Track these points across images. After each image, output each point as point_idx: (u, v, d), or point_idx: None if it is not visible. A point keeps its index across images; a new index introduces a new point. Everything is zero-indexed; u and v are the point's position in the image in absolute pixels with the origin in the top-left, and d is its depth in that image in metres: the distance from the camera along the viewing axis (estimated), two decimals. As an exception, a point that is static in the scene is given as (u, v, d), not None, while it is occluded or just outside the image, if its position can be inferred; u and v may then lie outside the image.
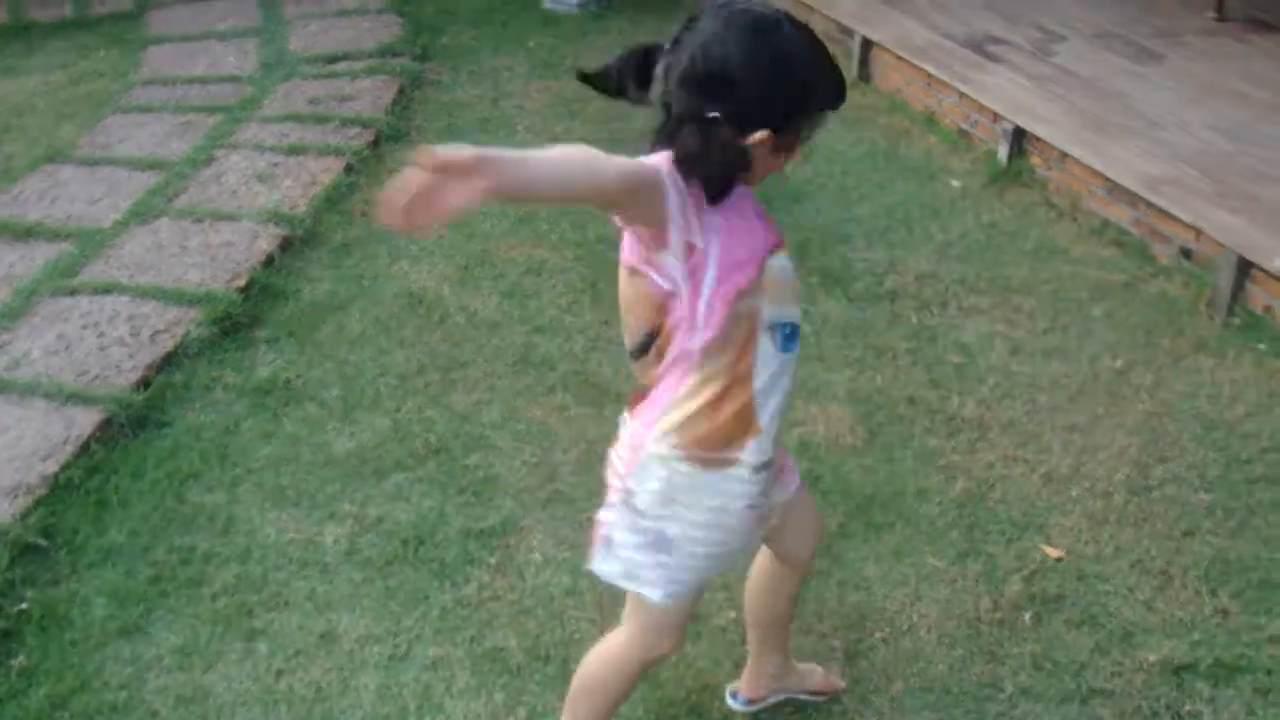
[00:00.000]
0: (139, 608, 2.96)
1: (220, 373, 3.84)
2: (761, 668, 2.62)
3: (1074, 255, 4.48)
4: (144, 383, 3.73)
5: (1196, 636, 2.83)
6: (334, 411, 3.66)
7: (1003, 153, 5.09)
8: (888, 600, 2.95)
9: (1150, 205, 4.42)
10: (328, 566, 3.09)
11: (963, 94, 5.36)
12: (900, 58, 5.80)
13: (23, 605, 2.96)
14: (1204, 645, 2.81)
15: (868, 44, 6.07)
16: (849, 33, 6.20)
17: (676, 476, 2.04)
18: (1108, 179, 4.61)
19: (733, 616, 2.85)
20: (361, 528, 3.21)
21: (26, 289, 4.24)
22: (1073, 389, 3.72)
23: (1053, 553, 3.09)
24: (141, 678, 2.78)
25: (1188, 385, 3.73)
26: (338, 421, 3.62)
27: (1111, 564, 3.05)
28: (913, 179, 5.08)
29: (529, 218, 4.77)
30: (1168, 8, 6.27)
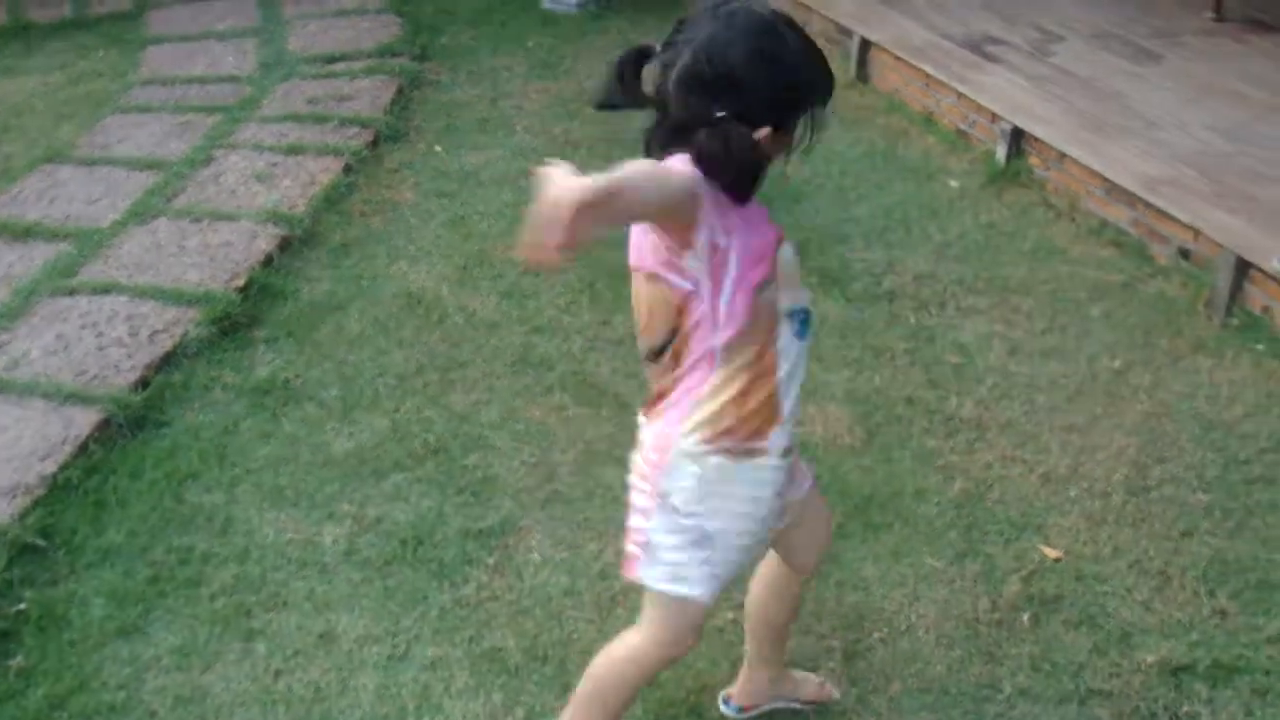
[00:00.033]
0: (137, 608, 2.96)
1: (219, 373, 3.84)
2: (757, 676, 2.62)
3: (1072, 255, 4.48)
4: (142, 383, 3.73)
5: (1194, 637, 2.84)
6: (333, 411, 3.66)
7: (1001, 153, 5.09)
8: (886, 600, 2.95)
9: (1148, 205, 4.43)
10: (326, 567, 3.09)
11: (961, 94, 5.36)
12: (898, 58, 5.81)
13: (21, 605, 2.96)
14: (1202, 646, 2.81)
15: (866, 44, 6.07)
16: (847, 33, 6.20)
17: (709, 471, 2.05)
18: (1106, 179, 4.61)
19: (730, 617, 2.85)
20: (360, 528, 3.21)
21: (25, 289, 4.24)
22: (1071, 389, 3.72)
23: (1051, 553, 3.09)
24: (140, 678, 2.78)
25: (1186, 386, 3.73)
26: (336, 421, 3.62)
27: (1110, 564, 3.05)
28: (911, 179, 5.08)
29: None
30: (1166, 8, 6.28)
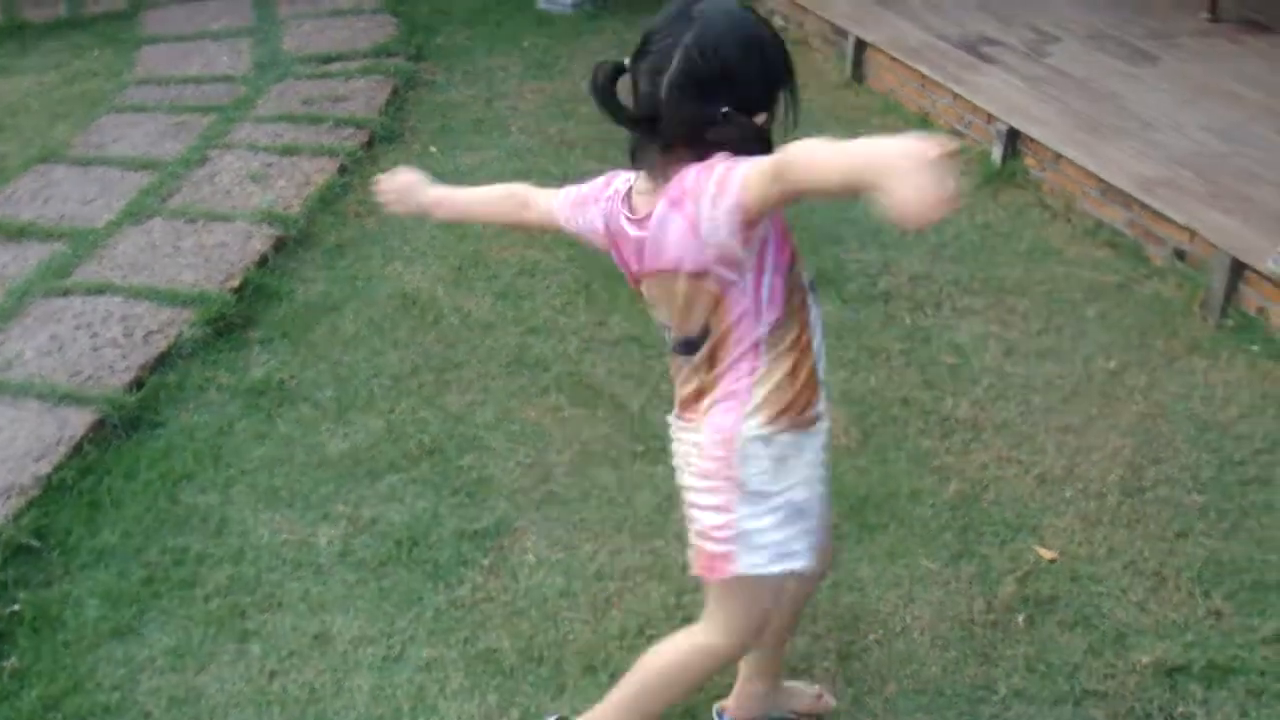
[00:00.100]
0: (132, 609, 2.96)
1: (214, 373, 3.83)
2: (751, 689, 2.59)
3: (1068, 256, 4.48)
4: (137, 383, 3.72)
5: (1190, 638, 2.84)
6: (328, 412, 3.66)
7: (997, 154, 5.09)
8: (881, 602, 2.95)
9: (1144, 206, 4.43)
10: (321, 567, 3.09)
11: (956, 95, 5.36)
12: (894, 59, 5.81)
13: (15, 606, 2.95)
14: (1197, 647, 2.81)
15: (861, 45, 6.07)
16: (843, 34, 6.20)
17: (781, 449, 2.06)
18: (1101, 180, 4.61)
19: (726, 618, 2.84)
20: (355, 529, 3.21)
21: (19, 289, 4.23)
22: (1066, 390, 3.72)
23: (1046, 554, 3.09)
24: (134, 679, 2.78)
25: (1181, 387, 3.74)
26: (331, 422, 3.62)
27: (1105, 565, 3.05)
28: (907, 180, 5.07)
29: (523, 218, 4.77)
30: (1161, 9, 6.28)
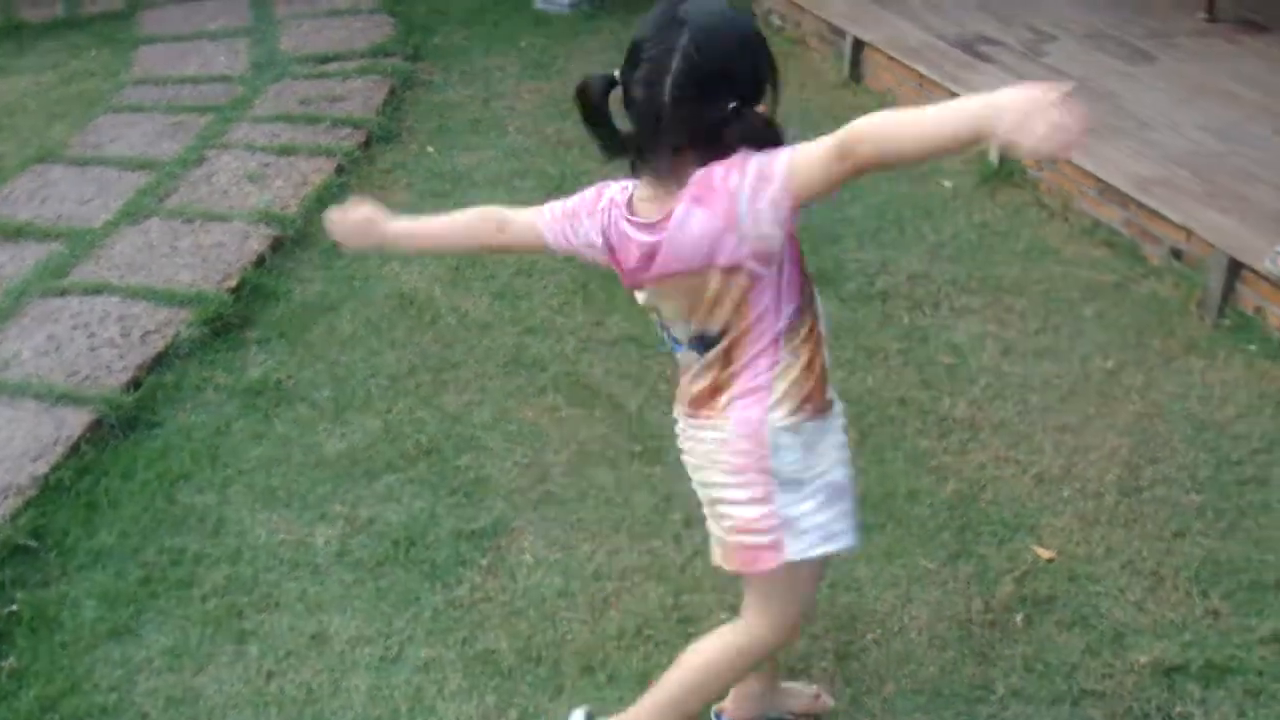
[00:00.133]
0: (129, 609, 2.96)
1: (211, 373, 3.83)
2: (749, 689, 2.59)
3: (1065, 256, 4.48)
4: (134, 383, 3.72)
5: (1187, 638, 2.84)
6: (325, 412, 3.66)
7: (994, 153, 5.09)
8: (879, 602, 2.95)
9: (1141, 206, 4.43)
10: (319, 568, 3.09)
11: (955, 94, 5.35)
12: (892, 58, 5.81)
13: (12, 607, 2.95)
14: (1195, 646, 2.81)
15: (859, 44, 6.07)
16: (840, 33, 6.20)
17: (809, 435, 2.11)
18: (1099, 179, 4.61)
19: (723, 619, 2.83)
20: (352, 529, 3.21)
21: (16, 289, 4.23)
22: (1064, 389, 3.72)
23: (1044, 554, 3.09)
24: (132, 680, 2.78)
25: (1178, 386, 3.74)
26: (329, 422, 3.62)
27: (1103, 565, 3.05)
28: (904, 179, 5.08)
29: (521, 218, 4.76)
30: (1159, 8, 6.28)
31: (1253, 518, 3.21)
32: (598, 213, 2.10)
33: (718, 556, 2.26)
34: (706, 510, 2.25)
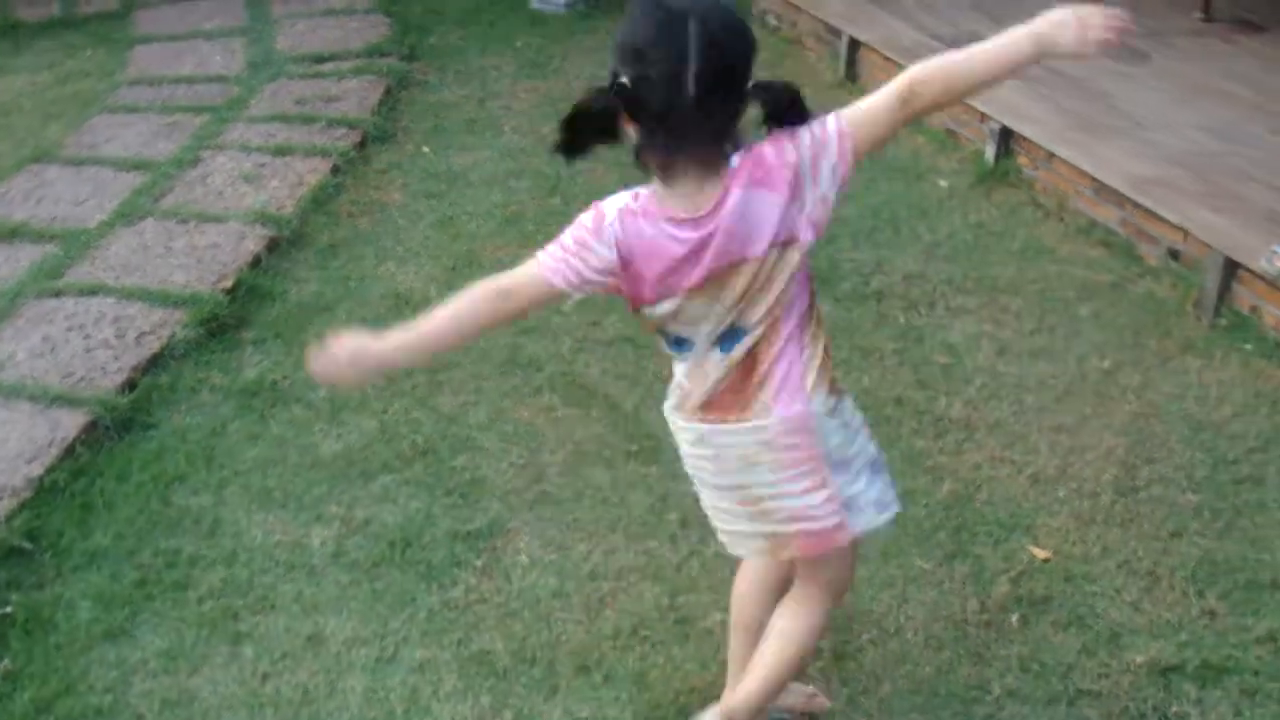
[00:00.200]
0: (124, 611, 2.95)
1: (206, 374, 3.82)
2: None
3: (1061, 255, 4.48)
4: (129, 385, 3.72)
5: (1184, 637, 2.84)
6: (321, 413, 3.65)
7: (990, 153, 5.09)
8: (875, 602, 2.95)
9: (1137, 205, 4.43)
10: (314, 569, 3.08)
11: (950, 94, 5.36)
12: (888, 58, 5.80)
13: (7, 609, 2.94)
14: (1191, 646, 2.81)
15: (855, 44, 6.07)
16: (836, 33, 6.20)
17: (843, 415, 2.21)
18: (1095, 179, 4.61)
19: (719, 619, 2.84)
20: (348, 530, 3.20)
21: (11, 290, 4.22)
22: (1060, 389, 3.72)
23: (1040, 554, 3.09)
24: (127, 681, 2.77)
25: (1175, 386, 3.74)
26: (325, 423, 3.61)
27: (1099, 565, 3.05)
28: (900, 179, 5.08)
29: (515, 218, 4.77)
30: (1155, 8, 6.28)
31: (1249, 517, 3.21)
32: (606, 230, 2.01)
33: (759, 549, 2.30)
34: (746, 508, 2.23)
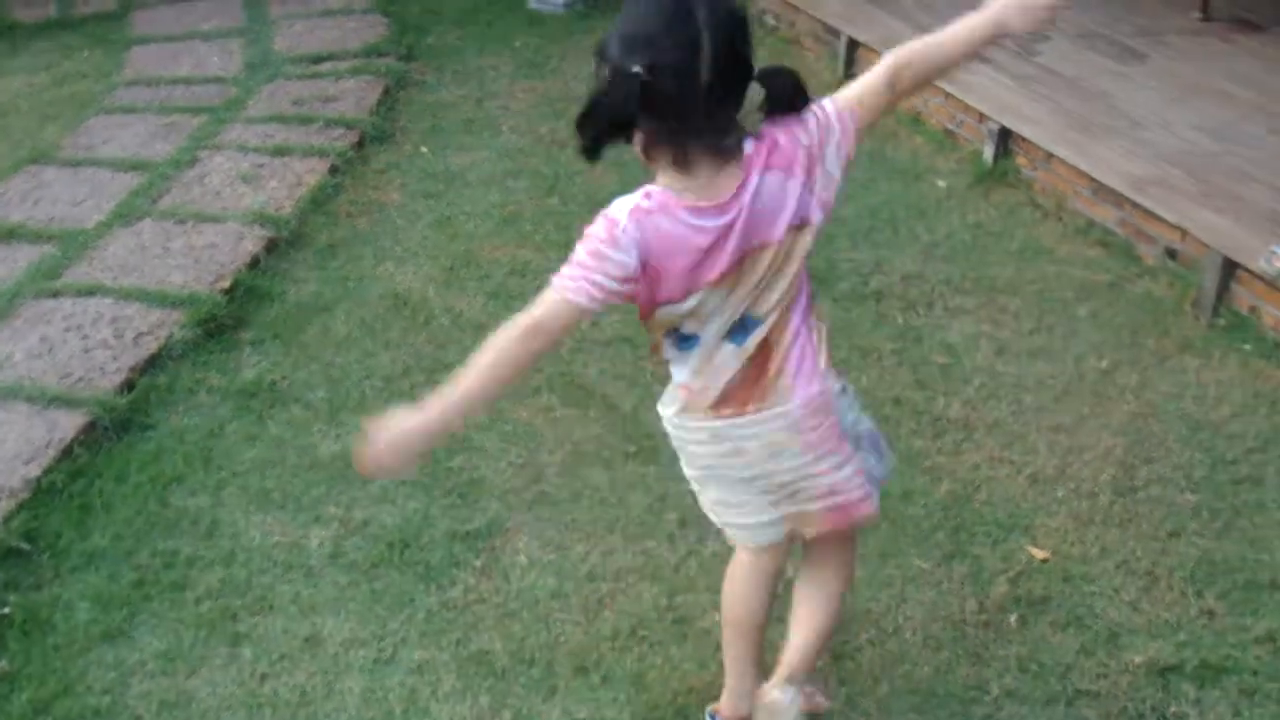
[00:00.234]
0: (122, 612, 2.95)
1: (204, 375, 3.82)
2: (741, 686, 2.59)
3: (1059, 255, 4.48)
4: (127, 385, 3.71)
5: (1182, 637, 2.84)
6: (319, 414, 3.65)
7: (988, 153, 5.09)
8: (873, 602, 2.95)
9: (1135, 205, 4.43)
10: (312, 570, 3.08)
11: (948, 94, 5.36)
12: (886, 58, 5.80)
13: (5, 610, 2.94)
14: (1190, 646, 2.81)
15: (854, 44, 6.06)
16: (835, 33, 6.19)
17: (850, 392, 2.32)
18: (1093, 179, 4.62)
19: (718, 619, 2.83)
20: (346, 530, 3.20)
21: (9, 291, 4.22)
22: (1058, 389, 3.72)
23: (1038, 554, 3.09)
24: (125, 682, 2.77)
25: (1173, 386, 3.74)
26: (323, 424, 3.61)
27: (1097, 565, 3.05)
28: (898, 179, 5.08)
29: (513, 218, 4.76)
30: (1152, 7, 6.28)
31: (1247, 517, 3.21)
32: (622, 236, 1.97)
33: (776, 535, 2.34)
34: (768, 496, 2.27)
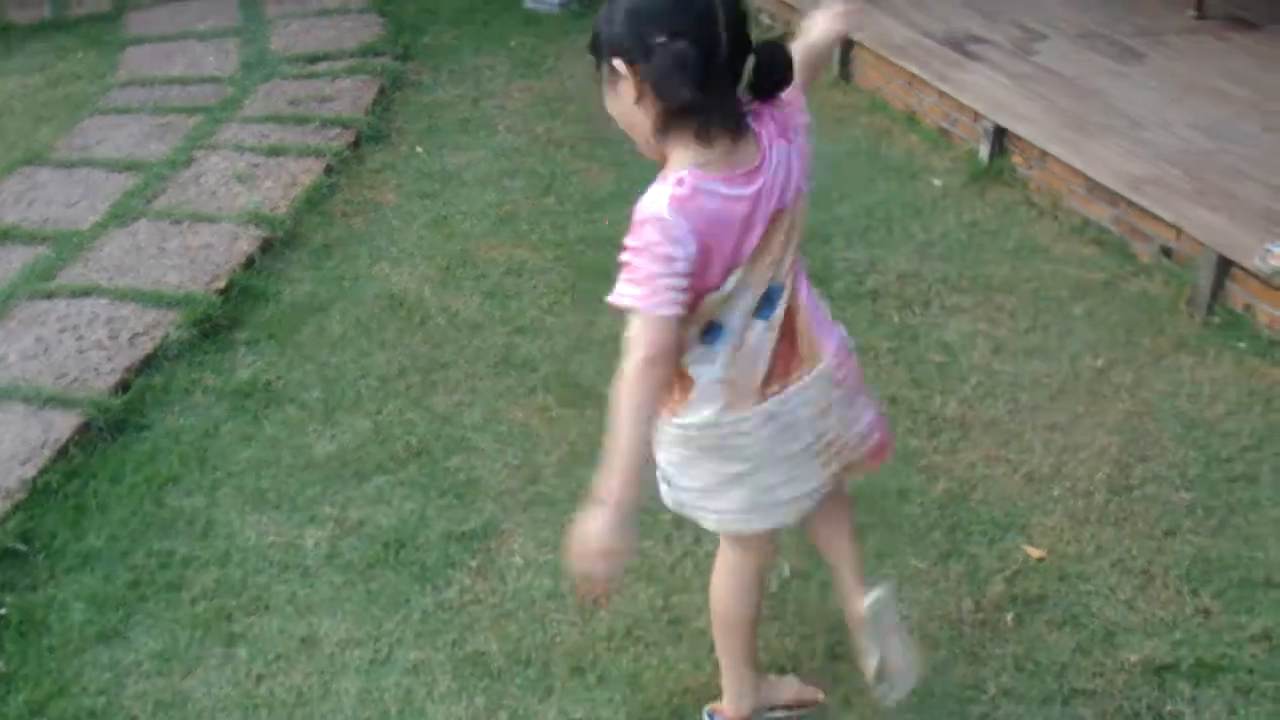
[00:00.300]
0: (118, 613, 2.95)
1: (200, 375, 3.82)
2: (741, 686, 2.57)
3: (1055, 254, 4.48)
4: (123, 386, 3.71)
5: (1178, 636, 2.84)
6: (315, 414, 3.65)
7: (984, 151, 5.09)
8: (870, 601, 2.95)
9: (1131, 204, 4.43)
10: (308, 570, 3.08)
11: (943, 93, 5.36)
12: (880, 56, 5.80)
13: (0, 611, 2.94)
14: (1185, 645, 2.81)
15: (848, 43, 6.05)
16: (830, 32, 6.18)
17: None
18: (1088, 178, 4.62)
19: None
20: (342, 531, 3.20)
21: (4, 292, 4.22)
22: (1054, 388, 3.73)
23: (1034, 553, 3.09)
24: (120, 683, 2.77)
25: (1168, 384, 3.74)
26: (318, 424, 3.60)
27: (1093, 564, 3.05)
28: (894, 178, 5.08)
29: (509, 218, 4.76)
30: (1148, 6, 6.29)
31: (1242, 515, 3.21)
32: (674, 229, 1.94)
33: (819, 498, 2.34)
34: (818, 460, 2.29)
